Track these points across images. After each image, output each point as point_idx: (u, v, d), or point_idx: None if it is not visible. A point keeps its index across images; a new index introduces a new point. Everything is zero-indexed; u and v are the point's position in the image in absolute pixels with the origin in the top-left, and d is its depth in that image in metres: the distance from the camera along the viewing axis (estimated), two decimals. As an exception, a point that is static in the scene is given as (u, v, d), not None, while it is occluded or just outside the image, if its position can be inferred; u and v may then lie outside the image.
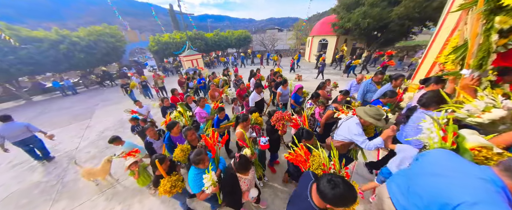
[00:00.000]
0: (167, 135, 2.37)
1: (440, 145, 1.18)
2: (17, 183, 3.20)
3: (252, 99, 3.75)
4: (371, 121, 1.67)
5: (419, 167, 1.08)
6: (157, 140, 2.54)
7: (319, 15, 30.12)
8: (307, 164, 1.58)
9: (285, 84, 3.93)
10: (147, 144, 2.48)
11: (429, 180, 0.93)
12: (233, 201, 1.74)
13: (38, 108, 8.58)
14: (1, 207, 2.71)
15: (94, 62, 11.76)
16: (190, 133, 2.07)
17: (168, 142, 2.34)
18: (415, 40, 17.76)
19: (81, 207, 2.56)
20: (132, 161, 2.23)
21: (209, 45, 18.45)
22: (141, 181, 2.43)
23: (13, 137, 3.21)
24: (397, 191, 1.14)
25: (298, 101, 3.66)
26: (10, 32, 8.24)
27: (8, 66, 8.25)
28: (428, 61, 3.68)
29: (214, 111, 3.15)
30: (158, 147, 2.54)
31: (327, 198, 0.86)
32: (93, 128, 5.39)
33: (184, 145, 2.02)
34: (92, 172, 2.73)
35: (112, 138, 2.65)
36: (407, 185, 1.08)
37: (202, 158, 1.52)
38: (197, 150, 1.56)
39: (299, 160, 1.63)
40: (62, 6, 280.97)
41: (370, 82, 3.26)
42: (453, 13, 2.80)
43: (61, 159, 3.87)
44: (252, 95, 3.78)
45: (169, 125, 2.34)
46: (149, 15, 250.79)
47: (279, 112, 2.30)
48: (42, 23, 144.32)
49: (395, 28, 9.53)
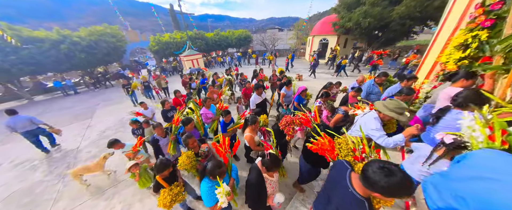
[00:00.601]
0: (181, 130, 2.50)
1: (487, 145, 1.04)
2: (19, 182, 3.23)
3: (253, 101, 3.60)
4: (392, 115, 1.54)
5: (462, 169, 0.95)
6: (163, 137, 2.55)
7: (320, 14, 30.05)
8: (333, 152, 1.47)
9: (289, 85, 3.83)
10: (154, 141, 2.48)
11: (477, 184, 0.82)
12: (257, 204, 1.55)
13: (39, 107, 8.63)
14: (3, 206, 2.73)
15: (95, 62, 11.81)
16: (192, 141, 2.00)
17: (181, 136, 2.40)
18: (417, 40, 17.69)
19: (82, 206, 2.58)
20: (133, 163, 2.22)
21: (209, 45, 18.47)
22: (142, 183, 2.40)
23: (20, 128, 3.67)
24: (434, 192, 1.02)
25: (302, 104, 3.52)
26: (12, 32, 8.28)
27: (10, 66, 8.29)
28: (429, 60, 3.67)
29: (219, 112, 3.13)
30: (164, 144, 2.55)
31: (379, 186, 0.77)
32: (94, 128, 5.41)
33: (188, 152, 1.96)
34: (88, 167, 2.81)
35: (110, 141, 2.52)
36: (447, 187, 0.97)
37: (223, 171, 1.40)
38: (217, 161, 1.43)
39: (324, 149, 1.52)
40: (63, 6, 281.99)
41: (373, 84, 3.18)
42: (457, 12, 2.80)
43: (62, 158, 3.89)
44: (252, 97, 3.64)
45: (184, 121, 2.43)
46: (149, 15, 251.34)
47: (288, 116, 2.19)
48: (43, 23, 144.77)
49: (396, 28, 9.48)
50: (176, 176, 1.85)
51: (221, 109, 3.17)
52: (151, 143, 2.53)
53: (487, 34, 2.15)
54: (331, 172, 1.22)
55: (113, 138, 2.57)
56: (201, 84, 6.43)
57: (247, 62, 17.68)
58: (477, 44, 2.25)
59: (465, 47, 2.42)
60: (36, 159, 3.96)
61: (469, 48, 2.34)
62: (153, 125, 2.56)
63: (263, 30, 33.91)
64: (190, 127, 2.45)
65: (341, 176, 1.03)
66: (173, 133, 2.63)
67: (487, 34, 2.15)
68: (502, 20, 2.04)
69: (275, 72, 5.99)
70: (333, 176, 1.18)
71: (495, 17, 2.09)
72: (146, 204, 2.51)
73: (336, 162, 1.26)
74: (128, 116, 5.88)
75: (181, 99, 4.29)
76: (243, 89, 4.52)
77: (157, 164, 1.64)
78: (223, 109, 3.15)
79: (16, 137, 5.28)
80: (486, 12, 2.17)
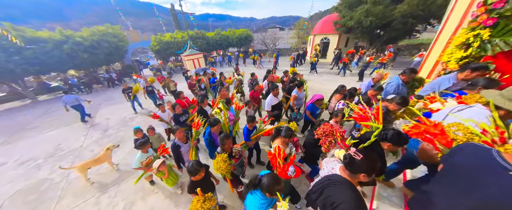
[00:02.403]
0: (208, 130, 2.38)
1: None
2: (24, 180, 3.30)
3: (269, 103, 3.32)
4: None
5: None
6: (185, 143, 2.37)
7: (321, 13, 29.86)
8: (446, 137, 1.21)
9: (301, 87, 3.55)
10: (175, 147, 2.29)
11: None
12: None
13: (43, 107, 8.75)
14: (9, 203, 2.80)
15: (97, 62, 11.91)
16: (229, 141, 1.88)
17: (208, 137, 2.35)
18: (419, 39, 17.50)
19: (85, 204, 2.63)
20: (161, 162, 2.19)
21: (210, 44, 18.48)
22: (171, 181, 2.38)
23: (70, 103, 5.39)
24: None
25: (315, 114, 3.12)
26: (16, 32, 8.39)
27: (14, 66, 8.41)
28: (431, 59, 3.64)
29: (239, 112, 3.04)
30: (185, 150, 2.37)
31: None
32: (97, 127, 5.48)
33: (223, 155, 1.81)
34: (97, 159, 2.92)
35: (141, 142, 2.35)
36: None
37: (282, 187, 1.22)
38: (275, 177, 1.25)
39: (430, 133, 1.24)
40: (66, 6, 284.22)
41: (401, 83, 2.66)
42: (459, 10, 2.77)
43: (66, 157, 3.96)
44: (268, 98, 3.35)
45: (212, 122, 2.31)
46: (150, 15, 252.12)
47: (329, 125, 1.87)
48: (46, 24, 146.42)
49: (398, 27, 9.40)
50: (209, 180, 1.83)
51: (239, 109, 3.05)
52: (172, 149, 2.33)
53: (489, 33, 2.13)
54: (455, 159, 1.02)
55: (143, 139, 2.47)
56: (211, 83, 6.15)
57: (235, 62, 17.87)
58: (479, 43, 2.24)
59: (467, 46, 2.40)
60: (40, 157, 4.03)
61: (471, 47, 2.33)
62: (172, 129, 2.39)
63: (264, 30, 33.81)
64: (217, 128, 2.32)
65: (482, 160, 0.86)
66: (195, 137, 2.44)
67: (489, 33, 2.13)
68: (504, 19, 2.02)
69: (287, 72, 5.57)
70: (463, 164, 0.96)
71: (497, 15, 2.07)
72: (148, 201, 2.55)
73: (460, 146, 1.08)
74: (129, 116, 5.95)
75: (184, 102, 3.98)
76: (251, 92, 4.20)
77: (189, 167, 1.59)
78: (240, 108, 3.05)
79: (19, 136, 5.40)
80: (488, 11, 2.15)
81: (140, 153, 2.37)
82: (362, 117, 1.82)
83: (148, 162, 2.36)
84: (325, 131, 1.81)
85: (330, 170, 1.19)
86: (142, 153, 2.37)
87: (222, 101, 3.08)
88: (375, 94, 2.73)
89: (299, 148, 2.13)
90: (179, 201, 2.50)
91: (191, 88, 5.91)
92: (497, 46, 2.14)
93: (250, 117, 2.45)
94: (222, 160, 1.77)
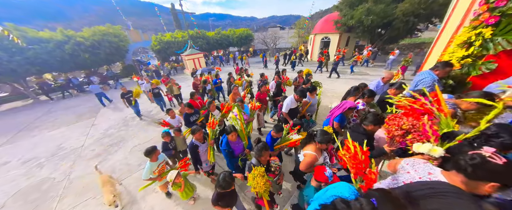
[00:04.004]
0: (225, 140, 2.10)
1: None
2: (26, 179, 3.33)
3: (288, 105, 2.91)
4: None
5: None
6: (202, 143, 2.29)
7: (322, 12, 29.68)
8: None
9: (313, 92, 3.19)
10: (193, 147, 2.20)
11: None
12: None
13: (45, 106, 8.82)
14: (12, 202, 2.83)
15: (98, 62, 12.01)
16: (267, 153, 1.62)
17: (226, 147, 2.08)
18: (421, 38, 17.35)
19: (86, 202, 2.65)
20: (176, 173, 1.95)
21: (210, 44, 18.50)
22: (185, 194, 2.16)
23: (94, 91, 7.43)
24: None
25: (343, 125, 2.53)
26: (17, 33, 8.47)
27: (16, 66, 8.49)
28: (432, 58, 3.61)
29: (254, 112, 2.91)
30: (203, 151, 2.31)
31: None
32: (98, 126, 5.52)
33: (259, 168, 1.51)
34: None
35: (148, 150, 2.08)
36: None
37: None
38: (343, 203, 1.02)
39: None
40: (67, 7, 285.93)
41: (437, 79, 2.27)
42: (461, 9, 2.74)
43: (67, 156, 3.99)
44: (289, 100, 2.92)
45: (226, 130, 2.05)
46: (151, 15, 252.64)
47: (400, 114, 1.51)
48: (49, 24, 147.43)
49: (399, 25, 9.32)
50: (235, 191, 1.64)
51: (254, 109, 2.90)
52: (190, 149, 2.26)
53: (491, 32, 2.10)
54: None
55: (150, 147, 2.11)
56: (214, 84, 5.89)
57: (226, 63, 18.09)
58: (480, 42, 2.21)
59: (469, 45, 2.37)
60: (42, 157, 4.07)
61: (473, 46, 2.30)
62: (193, 130, 2.25)
63: (264, 29, 33.76)
64: (234, 137, 2.06)
65: None
66: (212, 137, 2.40)
67: (491, 31, 2.10)
68: (507, 17, 1.99)
69: (302, 73, 5.10)
70: None
71: (499, 14, 2.04)
72: (148, 201, 2.57)
73: None
74: (131, 115, 5.97)
75: (198, 102, 3.80)
76: (257, 93, 3.97)
77: (221, 181, 1.40)
78: (256, 108, 2.90)
79: (22, 136, 5.45)
80: (490, 9, 2.12)
81: (149, 162, 2.09)
82: (416, 111, 1.44)
83: (161, 170, 2.10)
84: (412, 124, 1.30)
85: (426, 175, 0.94)
86: (151, 163, 2.09)
87: (237, 105, 2.81)
88: (398, 93, 2.36)
89: (334, 157, 1.80)
90: (180, 200, 2.51)
91: (195, 88, 5.65)
92: (499, 45, 2.11)
93: (279, 127, 2.15)
94: (259, 175, 1.47)
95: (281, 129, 2.15)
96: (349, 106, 2.33)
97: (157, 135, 4.44)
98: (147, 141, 4.23)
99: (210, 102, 3.11)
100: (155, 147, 2.13)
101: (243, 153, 2.27)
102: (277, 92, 4.28)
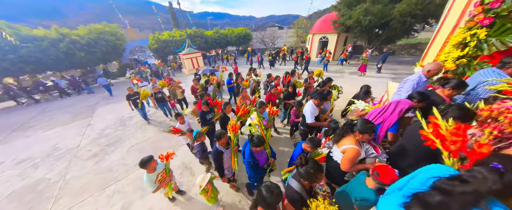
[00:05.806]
0: (248, 151, 1.85)
1: None
2: (21, 180, 3.27)
3: (312, 113, 2.53)
4: None
5: None
6: (226, 149, 2.12)
7: (320, 12, 29.76)
8: None
9: (329, 96, 2.92)
10: (217, 154, 2.01)
11: None
12: None
13: (40, 106, 8.66)
14: (6, 203, 2.77)
15: (94, 60, 11.83)
16: (321, 177, 1.25)
17: (251, 159, 1.84)
18: (417, 38, 17.58)
19: (82, 204, 2.62)
20: (208, 179, 1.86)
21: (209, 43, 18.41)
22: (212, 199, 2.08)
23: (102, 83, 8.61)
24: None
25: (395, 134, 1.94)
26: (10, 30, 8.29)
27: (9, 65, 8.31)
28: (428, 59, 3.66)
29: (272, 118, 2.78)
30: (227, 157, 2.15)
31: None
32: (94, 126, 5.44)
33: (323, 202, 1.18)
34: None
35: (143, 161, 1.88)
36: None
37: None
38: None
39: None
40: (63, 4, 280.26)
41: (497, 72, 1.85)
42: (457, 10, 2.78)
43: (63, 156, 3.93)
44: (310, 107, 2.54)
45: (255, 141, 1.75)
46: (148, 13, 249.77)
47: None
48: (43, 22, 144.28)
49: (396, 26, 9.43)
50: None
51: (272, 114, 2.75)
52: (214, 156, 2.04)
53: (485, 33, 2.14)
54: None
55: (146, 157, 1.92)
56: (228, 84, 5.53)
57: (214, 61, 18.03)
58: (475, 42, 2.25)
59: (464, 46, 2.41)
60: (37, 157, 4.00)
61: (468, 47, 2.34)
62: (217, 135, 2.02)
63: (263, 28, 33.71)
64: (260, 148, 1.79)
65: None
66: (235, 142, 2.23)
67: (485, 32, 2.14)
68: (500, 19, 2.03)
69: (312, 74, 4.83)
70: None
71: (493, 15, 2.08)
72: (147, 201, 2.55)
73: None
74: (129, 114, 5.90)
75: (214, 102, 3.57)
76: (267, 95, 3.77)
77: (269, 197, 1.12)
78: (275, 113, 2.78)
79: (15, 136, 5.35)
80: (485, 11, 2.16)
81: (146, 174, 1.92)
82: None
83: (161, 179, 2.03)
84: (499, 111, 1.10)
85: None
86: (148, 174, 1.92)
87: (255, 110, 2.61)
88: (454, 94, 1.85)
89: (378, 148, 1.54)
90: (178, 201, 2.50)
91: (194, 93, 5.12)
92: (493, 46, 2.16)
93: (315, 141, 1.78)
94: (322, 206, 1.14)
95: (319, 143, 1.79)
96: (408, 106, 1.75)
97: (154, 135, 4.40)
98: (144, 141, 4.19)
99: (226, 104, 2.95)
100: (151, 157, 1.94)
101: (268, 163, 2.06)
102: (288, 95, 3.97)
